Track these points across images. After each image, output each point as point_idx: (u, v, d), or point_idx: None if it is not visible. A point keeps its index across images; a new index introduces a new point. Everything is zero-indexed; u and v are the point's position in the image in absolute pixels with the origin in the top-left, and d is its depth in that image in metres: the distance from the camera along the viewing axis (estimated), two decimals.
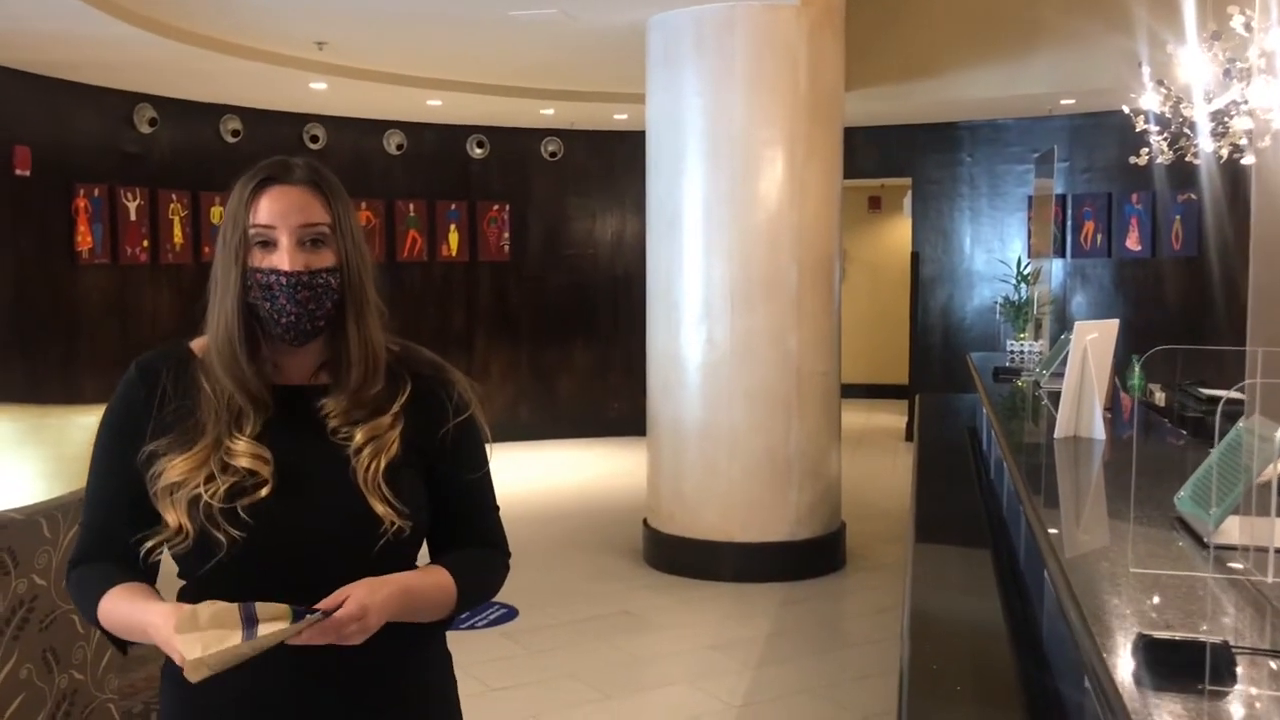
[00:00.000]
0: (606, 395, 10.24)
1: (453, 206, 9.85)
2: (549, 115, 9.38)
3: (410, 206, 9.67)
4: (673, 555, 6.11)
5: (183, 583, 1.58)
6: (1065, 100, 8.74)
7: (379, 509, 1.53)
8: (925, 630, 2.47)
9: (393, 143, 9.61)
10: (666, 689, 4.62)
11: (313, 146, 9.07)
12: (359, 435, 1.57)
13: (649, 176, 6.27)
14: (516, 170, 10.07)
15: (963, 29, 7.93)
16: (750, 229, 5.89)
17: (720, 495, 5.98)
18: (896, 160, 10.23)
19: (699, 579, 5.93)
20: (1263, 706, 1.40)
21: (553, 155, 10.15)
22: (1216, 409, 2.06)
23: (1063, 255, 9.41)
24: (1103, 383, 3.35)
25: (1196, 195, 8.66)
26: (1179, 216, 8.90)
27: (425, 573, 1.59)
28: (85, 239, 7.51)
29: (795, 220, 5.89)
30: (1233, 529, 1.99)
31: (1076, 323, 3.45)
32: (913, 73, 8.35)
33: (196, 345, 1.62)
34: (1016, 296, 6.71)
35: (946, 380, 9.34)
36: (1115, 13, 6.22)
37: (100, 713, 2.83)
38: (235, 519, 1.49)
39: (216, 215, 8.25)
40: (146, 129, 8.02)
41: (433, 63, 7.80)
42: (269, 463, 1.53)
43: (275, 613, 1.40)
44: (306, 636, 1.41)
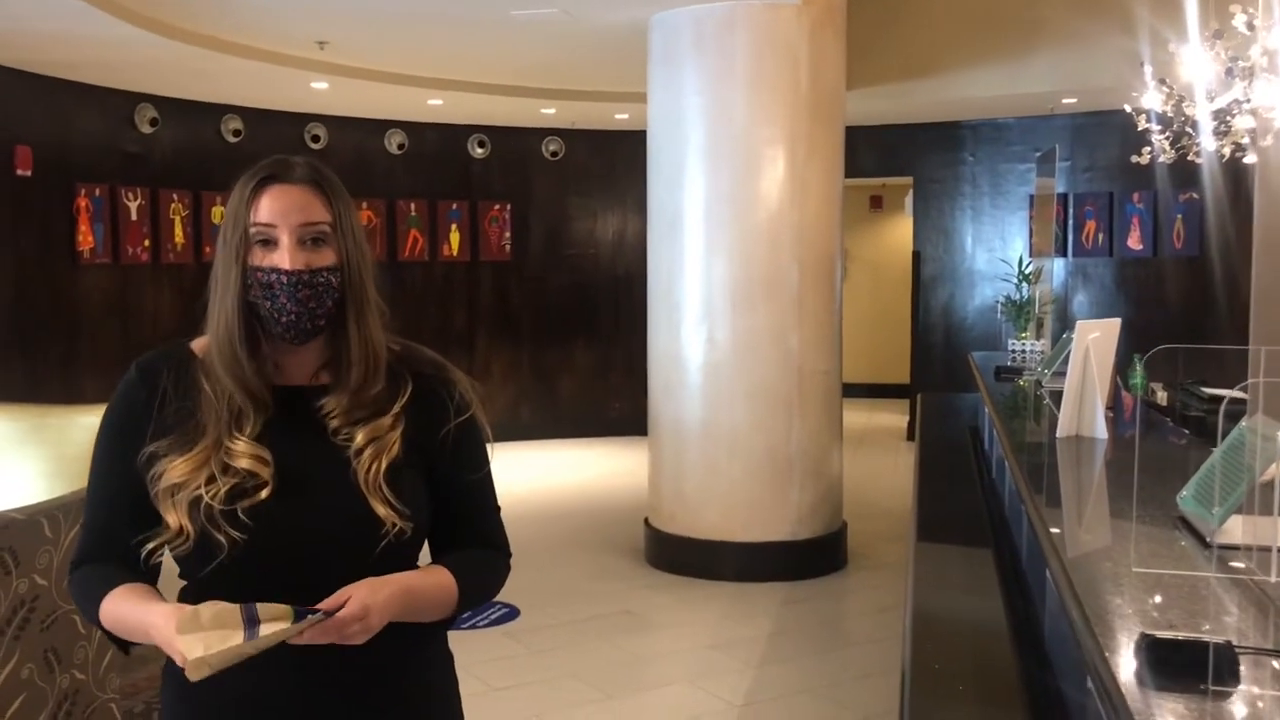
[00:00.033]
0: (608, 395, 10.24)
1: (454, 206, 9.85)
2: (550, 115, 9.38)
3: (411, 206, 9.67)
4: (674, 555, 6.11)
5: (184, 583, 1.58)
6: (1067, 99, 8.74)
7: (380, 510, 1.53)
8: (927, 630, 2.47)
9: (394, 142, 9.61)
10: (667, 688, 4.62)
11: (314, 146, 9.07)
12: (360, 436, 1.56)
13: (650, 176, 6.26)
14: (518, 170, 10.07)
15: (964, 28, 7.93)
16: (751, 228, 5.88)
17: (722, 495, 5.97)
18: (898, 159, 10.22)
19: (700, 578, 5.92)
20: (1266, 706, 1.39)
21: (554, 155, 10.15)
22: (1218, 408, 2.06)
23: (1064, 254, 9.41)
24: (1104, 382, 3.35)
25: (1198, 194, 8.65)
26: (1181, 216, 8.89)
27: (427, 573, 1.59)
28: (86, 239, 7.51)
29: (796, 219, 5.89)
30: (1235, 528, 1.99)
31: (1078, 322, 3.45)
32: (914, 72, 8.35)
33: (197, 346, 1.62)
34: (1018, 296, 6.70)
35: (948, 379, 9.33)
36: (1117, 11, 6.21)
37: (102, 712, 2.83)
38: (235, 521, 1.49)
39: (218, 215, 8.25)
40: (148, 129, 8.02)
41: (434, 62, 7.80)
42: (269, 464, 1.53)
43: (277, 613, 1.39)
44: (309, 636, 1.41)
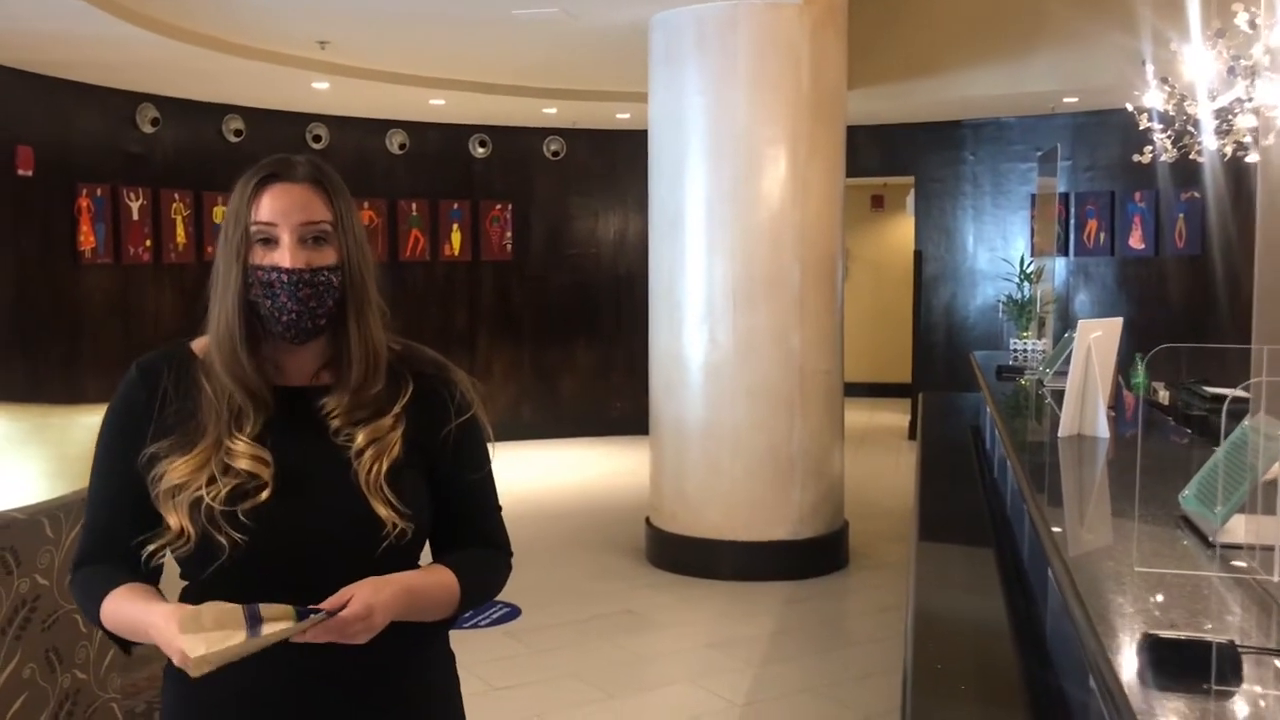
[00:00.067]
0: (609, 394, 10.24)
1: (455, 206, 9.85)
2: (551, 114, 9.38)
3: (413, 206, 9.67)
4: (675, 554, 6.11)
5: (185, 583, 1.57)
6: (1068, 98, 8.73)
7: (381, 511, 1.53)
8: (929, 629, 2.47)
9: (395, 142, 9.61)
10: (669, 688, 4.62)
11: (315, 146, 9.07)
12: (360, 437, 1.56)
13: (651, 175, 6.26)
14: (519, 169, 10.07)
15: (965, 27, 7.92)
16: (753, 228, 5.88)
17: (723, 494, 5.97)
18: (899, 159, 10.22)
19: (701, 578, 5.92)
20: (1268, 706, 1.39)
21: (555, 154, 10.14)
22: (1220, 407, 2.05)
23: (1066, 254, 9.40)
24: (1106, 381, 3.34)
25: (1200, 193, 8.64)
26: (1182, 215, 8.88)
27: (428, 572, 1.59)
28: (88, 239, 7.51)
29: (798, 219, 5.89)
30: (1238, 528, 1.99)
31: (1080, 321, 3.44)
32: (915, 71, 8.34)
33: (197, 346, 1.62)
34: (1019, 295, 6.69)
35: (949, 379, 9.33)
36: (1118, 10, 6.20)
37: (103, 712, 2.83)
38: (236, 522, 1.48)
39: (219, 215, 8.25)
40: (149, 129, 8.02)
41: (435, 62, 7.79)
42: (269, 465, 1.52)
43: (279, 614, 1.39)
44: (311, 635, 1.41)
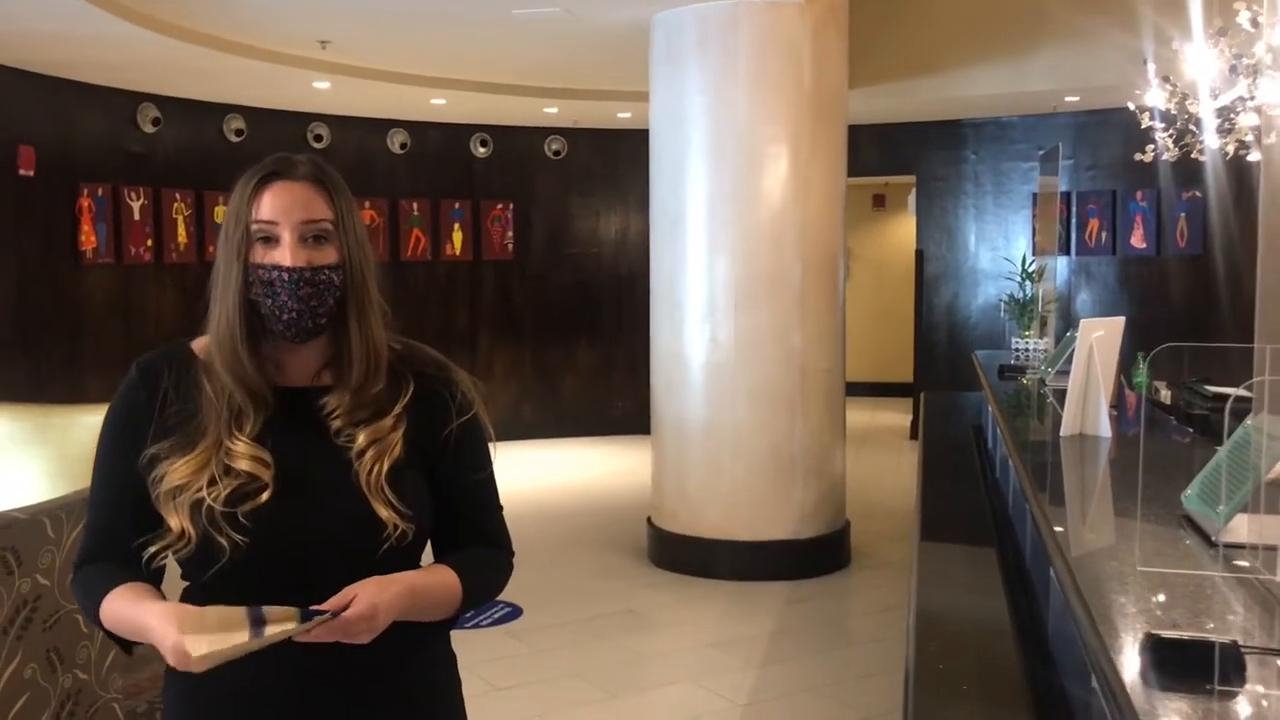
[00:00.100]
0: (610, 394, 10.24)
1: (456, 205, 9.85)
2: (552, 114, 9.37)
3: (414, 205, 9.67)
4: (676, 554, 6.11)
5: (186, 584, 1.57)
6: (1070, 97, 8.72)
7: (382, 512, 1.52)
8: (930, 629, 2.46)
9: (396, 142, 9.61)
10: (670, 687, 4.62)
11: (317, 146, 9.07)
12: (361, 437, 1.56)
13: (652, 175, 6.26)
14: (520, 169, 10.06)
15: (967, 26, 7.92)
16: (754, 227, 5.87)
17: (724, 494, 5.97)
18: (901, 158, 10.21)
19: (703, 577, 5.92)
20: (1271, 706, 1.39)
21: (556, 154, 10.14)
22: (1223, 407, 2.05)
23: (1067, 253, 9.39)
24: (1108, 380, 3.34)
25: (1202, 192, 8.63)
26: (1184, 214, 8.87)
27: (430, 572, 1.58)
28: (89, 238, 7.52)
29: (799, 218, 5.88)
30: (1241, 527, 1.98)
31: (1082, 320, 3.44)
32: (917, 70, 8.33)
33: (198, 346, 1.62)
34: (1021, 294, 6.69)
35: (951, 378, 9.32)
36: (1120, 9, 6.19)
37: (104, 712, 2.83)
38: (237, 524, 1.48)
39: (220, 215, 8.23)
40: (150, 128, 8.02)
41: (436, 62, 7.79)
42: (269, 466, 1.52)
43: (283, 615, 1.39)
44: (315, 635, 1.41)
